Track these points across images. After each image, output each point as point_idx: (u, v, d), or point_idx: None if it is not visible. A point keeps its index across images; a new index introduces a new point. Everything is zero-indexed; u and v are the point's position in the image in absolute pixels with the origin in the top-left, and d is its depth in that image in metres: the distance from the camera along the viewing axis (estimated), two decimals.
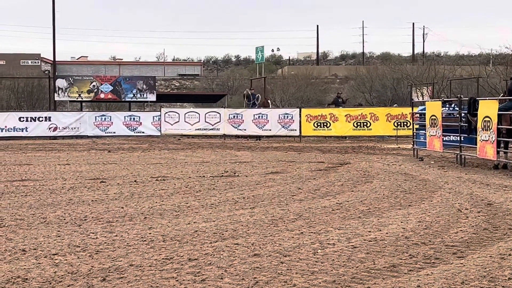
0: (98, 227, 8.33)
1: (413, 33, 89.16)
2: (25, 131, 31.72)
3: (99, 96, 34.93)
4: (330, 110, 31.74)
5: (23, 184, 12.85)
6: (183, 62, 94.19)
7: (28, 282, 5.72)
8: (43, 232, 7.97)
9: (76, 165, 17.02)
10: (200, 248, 7.08)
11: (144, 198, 10.93)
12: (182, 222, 8.73)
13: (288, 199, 10.87)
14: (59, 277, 5.90)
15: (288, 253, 6.83)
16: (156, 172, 15.25)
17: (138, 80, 36.02)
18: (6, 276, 5.91)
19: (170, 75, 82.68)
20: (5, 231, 8.07)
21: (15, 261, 6.50)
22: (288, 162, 17.87)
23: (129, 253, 6.84)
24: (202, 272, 6.05)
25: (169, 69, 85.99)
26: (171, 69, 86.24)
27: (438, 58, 75.66)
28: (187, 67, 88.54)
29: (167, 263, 6.40)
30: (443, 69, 43.44)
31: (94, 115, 33.51)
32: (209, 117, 32.13)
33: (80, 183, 12.99)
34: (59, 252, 6.87)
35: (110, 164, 17.51)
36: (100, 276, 5.92)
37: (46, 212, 9.51)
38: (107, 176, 14.37)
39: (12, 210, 9.67)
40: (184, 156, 20.44)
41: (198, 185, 12.75)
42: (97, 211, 9.57)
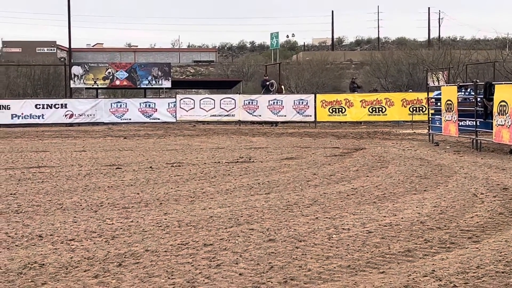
0: (114, 213, 8.39)
1: (429, 17, 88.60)
2: (42, 118, 31.86)
3: (114, 83, 34.99)
4: (345, 95, 31.65)
5: (40, 170, 12.92)
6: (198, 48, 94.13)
7: (45, 268, 5.77)
8: (59, 218, 8.03)
9: (92, 152, 17.10)
10: (215, 233, 7.11)
11: (159, 184, 10.97)
12: (198, 207, 8.77)
13: (303, 184, 10.88)
14: (76, 262, 5.95)
15: (303, 238, 6.85)
16: (171, 158, 15.29)
17: (153, 67, 36.03)
18: (23, 261, 5.97)
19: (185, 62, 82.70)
20: (22, 217, 8.13)
21: (32, 246, 6.56)
22: (303, 148, 17.86)
23: (144, 238, 6.89)
24: (217, 257, 6.08)
25: (184, 55, 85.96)
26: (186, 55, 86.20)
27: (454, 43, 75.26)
28: (202, 54, 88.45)
29: (182, 248, 6.44)
30: (459, 54, 43.13)
31: (109, 102, 33.58)
32: (224, 103, 32.12)
33: (96, 170, 13.05)
34: (76, 238, 6.92)
35: (125, 150, 17.57)
36: (116, 261, 5.96)
37: (63, 198, 9.57)
38: (123, 162, 14.43)
39: (29, 196, 9.74)
40: (199, 142, 20.48)
41: (213, 171, 12.78)
42: (113, 197, 9.63)
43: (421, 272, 5.54)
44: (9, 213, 8.40)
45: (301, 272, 5.59)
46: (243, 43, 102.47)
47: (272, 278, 5.43)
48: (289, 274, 5.53)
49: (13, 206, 8.85)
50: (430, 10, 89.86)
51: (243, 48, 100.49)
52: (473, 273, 5.51)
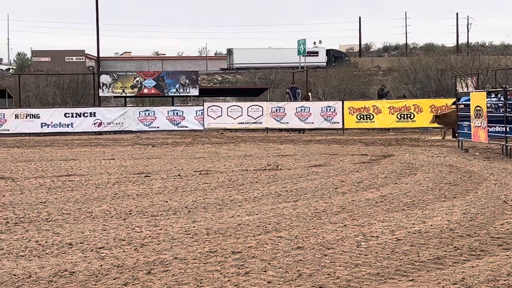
0: (143, 221, 8.43)
1: (457, 23, 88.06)
2: (71, 127, 32.13)
3: (142, 91, 35.20)
4: (373, 102, 31.51)
5: (69, 179, 13.03)
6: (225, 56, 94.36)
7: (75, 275, 5.82)
8: (89, 226, 8.09)
9: (120, 160, 17.21)
10: (243, 241, 7.12)
11: (188, 192, 11.01)
12: (226, 215, 8.78)
13: (331, 192, 10.85)
14: (105, 270, 5.99)
15: (332, 245, 6.83)
16: (199, 166, 15.34)
17: (181, 75, 36.20)
18: (53, 269, 6.02)
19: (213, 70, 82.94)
20: (52, 225, 8.21)
21: (62, 254, 6.61)
22: (331, 155, 17.82)
23: (173, 246, 6.91)
24: (246, 265, 6.09)
25: (211, 63, 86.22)
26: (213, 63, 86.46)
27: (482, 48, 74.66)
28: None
29: (211, 256, 6.46)
30: (487, 60, 42.77)
31: (138, 110, 33.77)
32: (252, 110, 32.15)
33: (125, 178, 13.13)
34: (105, 246, 6.97)
35: (154, 158, 17.66)
36: (145, 269, 6.00)
37: (92, 206, 9.64)
38: (151, 170, 14.50)
39: (59, 204, 9.83)
40: (227, 150, 20.52)
41: (241, 178, 12.80)
42: (142, 205, 9.68)
43: (450, 280, 5.50)
44: (40, 221, 8.49)
45: (329, 280, 5.58)
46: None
47: (300, 286, 5.42)
48: (318, 282, 5.52)
49: (43, 215, 8.94)
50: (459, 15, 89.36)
51: None
52: (504, 281, 5.46)
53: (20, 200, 10.22)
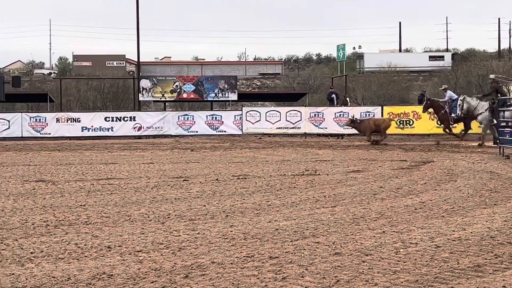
0: (181, 225, 8.46)
1: (499, 28, 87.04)
2: (111, 131, 32.45)
3: (182, 96, 35.39)
4: (413, 107, 31.26)
5: (109, 182, 13.14)
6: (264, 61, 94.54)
7: (113, 279, 5.86)
8: (127, 230, 8.14)
9: (159, 164, 17.31)
10: (281, 246, 7.10)
11: (225, 196, 11.02)
12: (263, 220, 8.77)
13: (370, 197, 10.77)
14: (143, 273, 6.01)
15: (370, 252, 6.77)
16: (237, 170, 15.35)
17: (219, 80, 36.32)
18: (92, 272, 6.07)
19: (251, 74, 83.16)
20: (92, 228, 8.27)
21: (101, 257, 6.66)
22: (370, 161, 17.71)
23: (211, 250, 6.92)
24: (283, 270, 6.07)
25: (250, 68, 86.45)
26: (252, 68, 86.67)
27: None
28: (268, 66, 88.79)
29: (248, 261, 6.45)
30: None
31: (177, 114, 33.97)
32: (290, 115, 32.14)
33: (163, 182, 13.20)
34: (143, 249, 7.00)
35: (192, 162, 17.73)
36: (183, 273, 6.01)
37: (131, 210, 9.70)
38: (190, 174, 14.56)
39: (98, 208, 9.91)
40: (265, 155, 20.52)
41: (279, 183, 12.77)
42: (180, 209, 9.71)
43: None
44: (79, 224, 8.57)
45: (367, 286, 5.53)
46: (309, 56, 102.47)
47: None
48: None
49: (83, 218, 9.02)
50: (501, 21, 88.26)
51: (310, 61, 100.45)
52: None
53: (60, 203, 10.33)
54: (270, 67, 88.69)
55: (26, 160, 18.95)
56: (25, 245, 7.19)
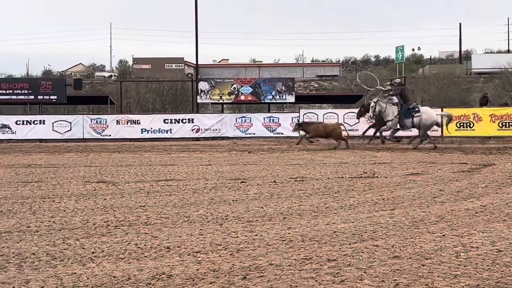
0: (239, 226, 8.49)
1: None
2: (170, 133, 32.81)
3: (239, 98, 35.57)
4: (473, 110, 30.78)
5: (168, 184, 13.27)
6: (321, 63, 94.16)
7: (172, 279, 5.92)
8: (186, 231, 8.21)
9: (217, 166, 17.41)
10: (339, 249, 7.06)
11: (283, 199, 11.02)
12: (321, 222, 8.74)
13: (429, 201, 10.64)
14: (202, 274, 6.06)
15: (429, 255, 6.69)
16: (295, 172, 15.34)
17: (277, 82, 36.39)
18: (151, 272, 6.14)
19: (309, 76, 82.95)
20: (151, 229, 8.37)
21: (160, 258, 6.73)
22: (429, 163, 17.49)
23: (268, 252, 6.93)
24: (341, 273, 6.04)
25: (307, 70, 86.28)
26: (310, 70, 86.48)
27: None
28: (325, 68, 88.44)
29: (306, 263, 6.43)
30: None
31: (234, 116, 34.15)
32: (348, 117, 32.01)
33: (221, 183, 13.27)
34: (202, 250, 7.05)
35: (250, 164, 17.78)
36: (241, 274, 6.03)
37: (189, 211, 9.78)
38: (247, 176, 14.60)
39: (158, 208, 10.02)
40: (323, 157, 20.45)
41: (337, 186, 12.72)
42: (238, 211, 9.75)
43: None
44: (139, 224, 8.67)
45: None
46: (367, 57, 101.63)
47: None
48: None
49: (143, 218, 9.13)
50: None
51: (368, 62, 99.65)
52: None
53: (121, 204, 10.48)
54: (327, 69, 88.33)
55: (87, 161, 19.28)
56: (87, 245, 7.32)
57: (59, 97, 36.08)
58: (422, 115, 24.53)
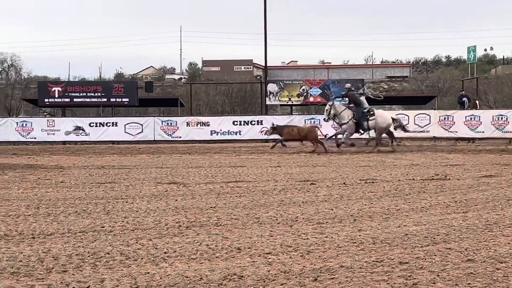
0: (309, 228, 8.48)
1: None
2: (239, 134, 33.02)
3: (308, 99, 35.56)
4: None
5: (237, 185, 13.35)
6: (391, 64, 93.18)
7: (244, 280, 5.95)
8: (256, 232, 8.24)
9: (286, 167, 17.42)
10: (410, 251, 6.98)
11: (353, 200, 10.96)
12: (392, 225, 8.66)
13: (504, 203, 10.41)
14: (272, 275, 6.07)
15: (504, 259, 6.55)
16: (364, 174, 15.23)
17: (346, 83, 36.20)
18: (223, 273, 6.19)
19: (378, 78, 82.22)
20: (222, 230, 8.43)
21: (231, 259, 6.78)
22: (503, 166, 17.12)
23: (339, 254, 6.90)
24: (414, 276, 5.97)
25: (377, 71, 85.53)
26: (379, 71, 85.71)
27: None
28: (395, 69, 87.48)
29: (377, 265, 6.39)
30: None
31: (303, 118, 34.16)
32: (419, 119, 31.62)
33: (291, 185, 13.28)
34: (272, 251, 7.07)
35: (319, 166, 17.74)
36: (312, 276, 6.03)
37: (259, 212, 9.82)
38: (317, 178, 14.57)
39: (228, 210, 10.09)
40: (393, 159, 20.24)
41: (408, 188, 12.57)
42: (308, 212, 9.74)
43: None
44: (210, 225, 8.75)
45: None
46: (438, 58, 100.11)
47: None
48: None
49: (213, 219, 9.20)
50: None
51: (438, 63, 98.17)
52: None
53: (191, 205, 10.59)
54: (397, 70, 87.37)
55: (159, 162, 19.57)
56: (159, 245, 7.42)
57: (131, 99, 36.75)
58: (377, 118, 24.70)
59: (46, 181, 14.17)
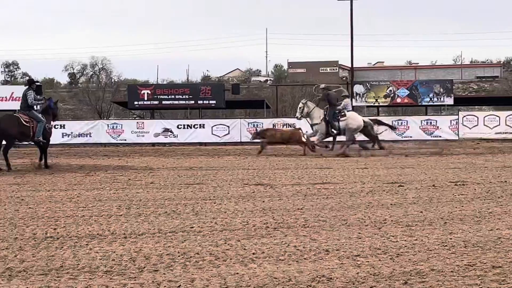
0: (398, 231, 8.37)
1: None
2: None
3: (395, 100, 35.14)
4: None
5: (324, 187, 13.30)
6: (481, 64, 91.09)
7: (333, 282, 5.93)
8: (344, 234, 8.19)
9: (373, 169, 17.25)
10: (504, 255, 6.81)
11: (443, 203, 10.76)
12: (484, 228, 8.46)
13: None
14: (362, 278, 6.03)
15: None
16: (454, 176, 14.92)
17: (434, 84, 35.64)
18: (311, 274, 6.18)
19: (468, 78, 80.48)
20: (309, 231, 8.42)
21: (319, 260, 6.76)
22: None
23: (430, 257, 6.79)
24: (508, 280, 5.82)
25: (466, 71, 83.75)
26: (469, 71, 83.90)
27: None
28: (485, 69, 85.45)
29: (469, 269, 6.25)
30: None
31: (390, 119, 33.73)
32: (510, 120, 30.84)
33: (378, 187, 13.14)
34: (361, 254, 7.02)
35: (407, 168, 17.49)
36: (402, 279, 5.95)
37: (347, 214, 9.76)
38: (405, 180, 14.37)
39: (315, 211, 10.06)
40: (484, 161, 19.78)
41: (500, 190, 12.25)
42: (396, 215, 9.62)
43: None
44: (297, 227, 8.76)
45: None
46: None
47: None
48: None
49: (301, 221, 9.20)
50: None
51: None
52: None
53: (278, 206, 10.62)
54: (487, 70, 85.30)
55: (245, 164, 19.70)
56: (247, 246, 7.48)
57: (218, 101, 37.14)
58: (348, 119, 24.11)
59: (137, 182, 14.48)
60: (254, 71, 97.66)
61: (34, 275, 6.21)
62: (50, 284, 5.91)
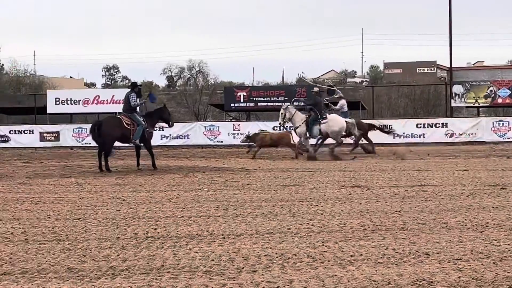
0: (501, 234, 8.14)
1: None
2: (422, 137, 32.36)
3: (496, 101, 34.18)
4: None
5: (423, 189, 13.07)
6: None
7: (433, 286, 5.82)
8: (445, 237, 8.03)
9: (474, 171, 16.82)
10: None
11: None
12: None
13: None
14: (464, 282, 5.89)
15: None
16: None
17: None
18: (411, 278, 6.08)
19: None
20: (408, 234, 8.29)
21: (419, 264, 6.65)
22: None
23: None
24: None
25: None
26: None
27: None
28: None
29: None
30: None
31: (491, 120, 32.95)
32: None
33: (479, 189, 12.81)
34: (462, 258, 6.86)
35: (509, 170, 16.98)
36: (506, 284, 5.78)
37: (447, 217, 9.56)
38: (507, 182, 13.96)
39: (414, 214, 9.90)
40: None
41: None
42: (499, 218, 9.35)
43: None
44: (395, 229, 8.64)
45: None
46: None
47: None
48: None
49: (399, 223, 9.08)
50: None
51: None
52: None
53: (376, 208, 10.51)
54: None
55: (341, 166, 19.57)
56: (345, 248, 7.43)
57: None
58: (329, 122, 23.02)
59: (234, 183, 14.62)
60: (350, 72, 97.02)
61: (136, 274, 6.36)
62: (152, 283, 6.05)
